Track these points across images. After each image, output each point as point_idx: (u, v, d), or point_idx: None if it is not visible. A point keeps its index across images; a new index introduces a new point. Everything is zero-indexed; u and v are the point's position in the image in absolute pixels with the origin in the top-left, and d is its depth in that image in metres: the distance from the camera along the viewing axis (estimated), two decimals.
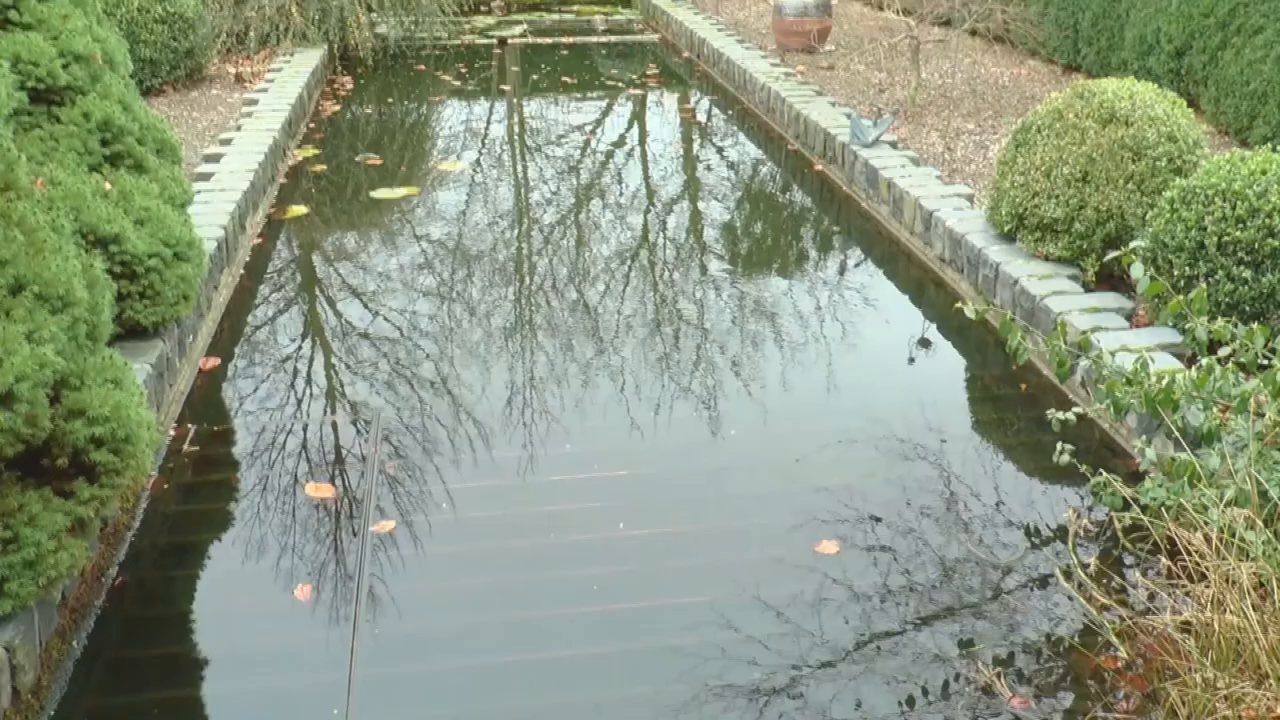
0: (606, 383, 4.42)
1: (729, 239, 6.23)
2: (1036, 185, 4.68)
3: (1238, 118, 6.40)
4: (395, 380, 4.42)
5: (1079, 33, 8.24)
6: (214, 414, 4.13)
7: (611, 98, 9.66)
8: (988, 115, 7.32)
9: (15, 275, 2.45)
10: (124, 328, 3.72)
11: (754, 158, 7.81)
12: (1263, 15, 6.27)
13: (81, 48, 3.64)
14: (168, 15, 7.91)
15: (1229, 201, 3.77)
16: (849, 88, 8.20)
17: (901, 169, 6.04)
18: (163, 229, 3.75)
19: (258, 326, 4.92)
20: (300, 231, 6.06)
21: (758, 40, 10.11)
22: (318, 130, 7.97)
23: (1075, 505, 3.51)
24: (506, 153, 8.02)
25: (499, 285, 5.47)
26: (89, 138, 3.60)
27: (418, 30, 10.72)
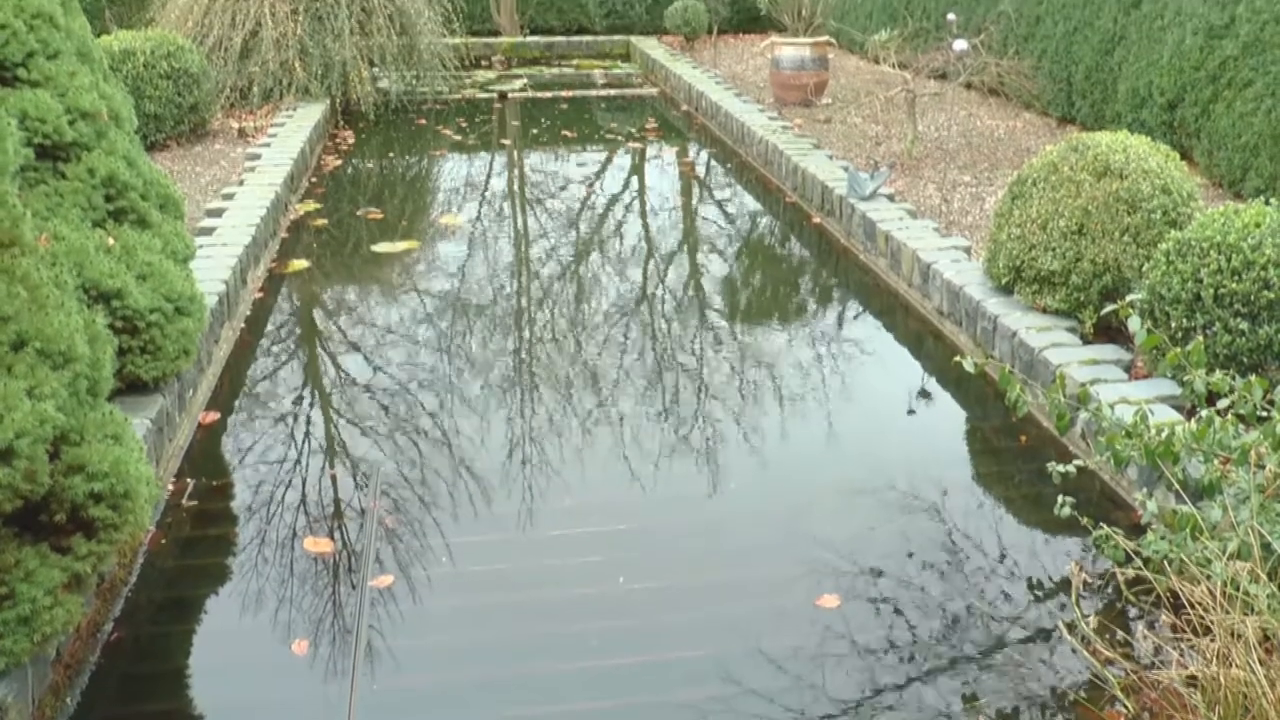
0: (606, 435, 4.41)
1: (728, 291, 6.26)
2: (1033, 238, 4.71)
3: (1230, 170, 6.46)
4: (395, 433, 4.42)
5: (1072, 86, 8.34)
6: (213, 468, 4.12)
7: (611, 151, 9.75)
8: (984, 168, 7.39)
9: (18, 331, 2.46)
10: (124, 382, 3.73)
11: (753, 210, 7.87)
12: (1252, 69, 6.36)
13: (88, 104, 3.68)
14: (173, 71, 8.02)
15: (1224, 254, 3.80)
16: (846, 141, 8.28)
17: (899, 221, 6.08)
18: (165, 284, 3.77)
19: (258, 380, 4.93)
20: (301, 285, 6.09)
21: (755, 94, 10.23)
22: (319, 184, 8.04)
23: (1077, 558, 3.50)
24: (507, 206, 8.08)
25: (499, 338, 5.48)
26: (93, 193, 3.63)
27: (419, 85, 10.84)
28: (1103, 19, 7.93)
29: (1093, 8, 8.10)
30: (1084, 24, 8.19)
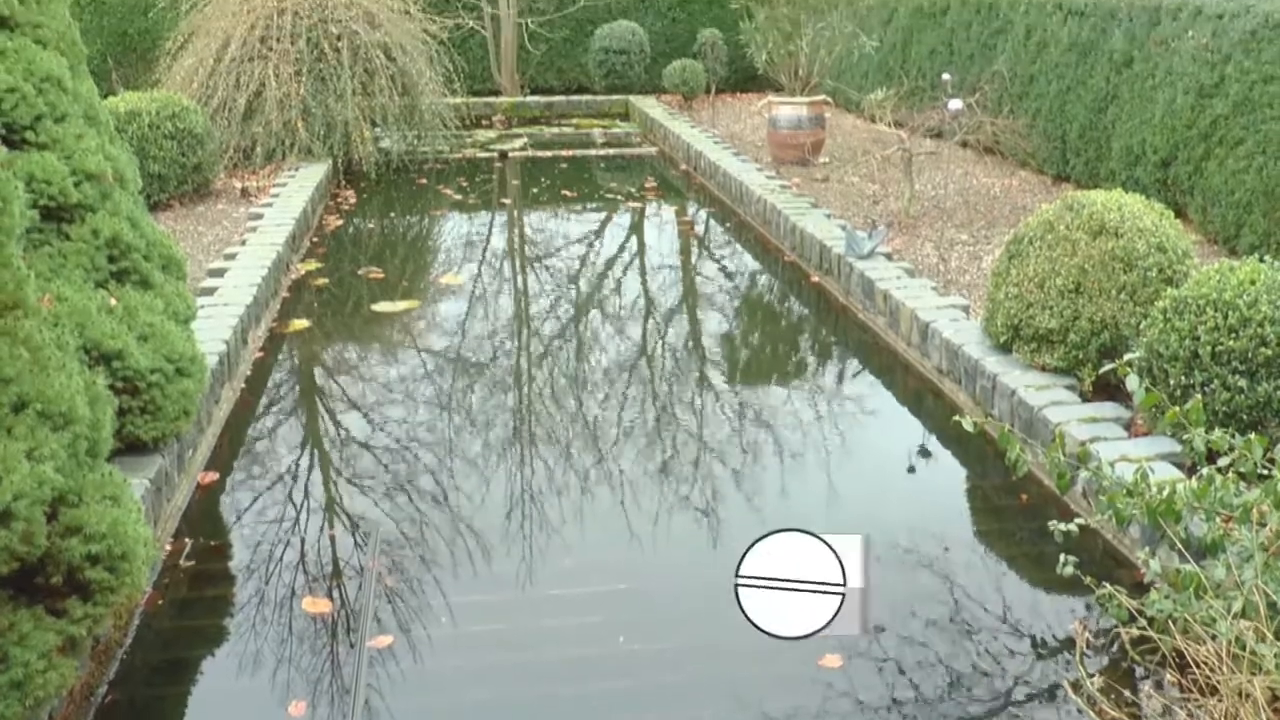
0: (606, 494, 4.40)
1: (728, 349, 6.28)
2: (1030, 296, 4.74)
3: (1225, 227, 6.52)
4: (394, 492, 4.41)
5: (1067, 144, 8.44)
6: (211, 529, 4.10)
7: (610, 210, 9.83)
8: (981, 226, 7.44)
9: (19, 393, 2.47)
10: (124, 443, 3.72)
11: (752, 269, 7.91)
12: (1243, 128, 6.44)
13: (93, 166, 3.72)
14: (177, 131, 8.11)
15: (1220, 311, 3.82)
16: (844, 199, 8.35)
17: (897, 280, 6.11)
18: (165, 344, 3.78)
19: (257, 440, 4.92)
20: (301, 345, 6.11)
21: (753, 153, 10.33)
22: (320, 244, 8.09)
23: (1081, 616, 3.47)
24: (507, 265, 8.13)
25: (498, 396, 5.49)
26: (97, 254, 3.66)
27: (420, 144, 10.95)
28: (1095, 78, 8.05)
29: (1085, 67, 8.22)
30: (1077, 83, 8.31)
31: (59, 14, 3.88)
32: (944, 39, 10.69)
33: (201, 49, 9.87)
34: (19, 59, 3.59)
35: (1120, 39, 7.81)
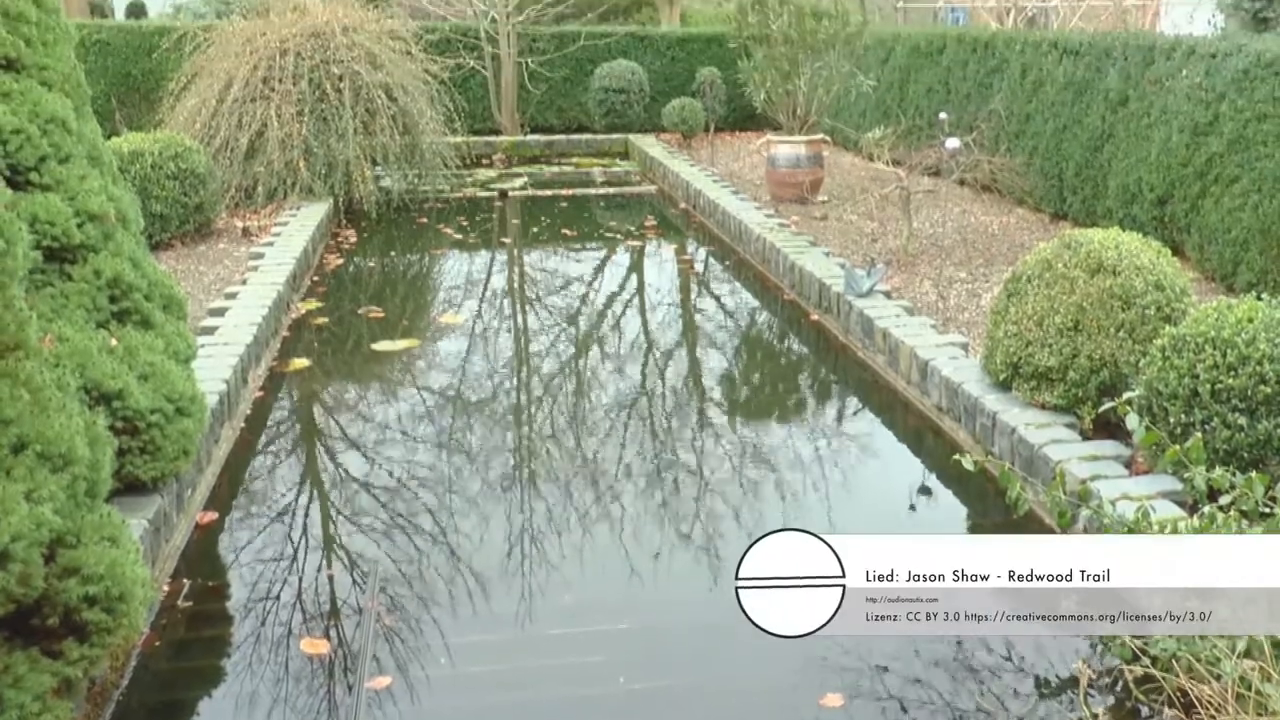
0: (606, 532, 4.39)
1: (728, 387, 6.28)
2: (1029, 334, 4.75)
3: (1222, 264, 6.54)
4: (393, 531, 4.40)
5: (1064, 182, 8.49)
6: (209, 569, 4.08)
7: (610, 249, 9.87)
8: (979, 264, 7.47)
9: (19, 434, 2.47)
10: (123, 483, 3.71)
11: (751, 307, 7.93)
12: (1238, 165, 6.48)
13: (96, 207, 3.75)
14: (179, 171, 8.15)
15: (1219, 349, 3.82)
16: (842, 237, 8.38)
17: (896, 319, 6.13)
18: (166, 384, 3.78)
19: (256, 480, 4.91)
20: (301, 384, 6.11)
21: (752, 191, 10.38)
22: (321, 283, 8.11)
23: (1084, 655, 3.45)
24: (507, 304, 8.15)
25: (498, 435, 5.49)
26: (98, 295, 3.67)
27: (421, 183, 11.00)
28: (1091, 117, 8.11)
29: (1081, 106, 8.28)
30: (1073, 122, 8.37)
31: (65, 56, 3.93)
32: (941, 78, 10.78)
33: (204, 89, 9.94)
34: (25, 100, 3.63)
35: (1115, 78, 7.88)
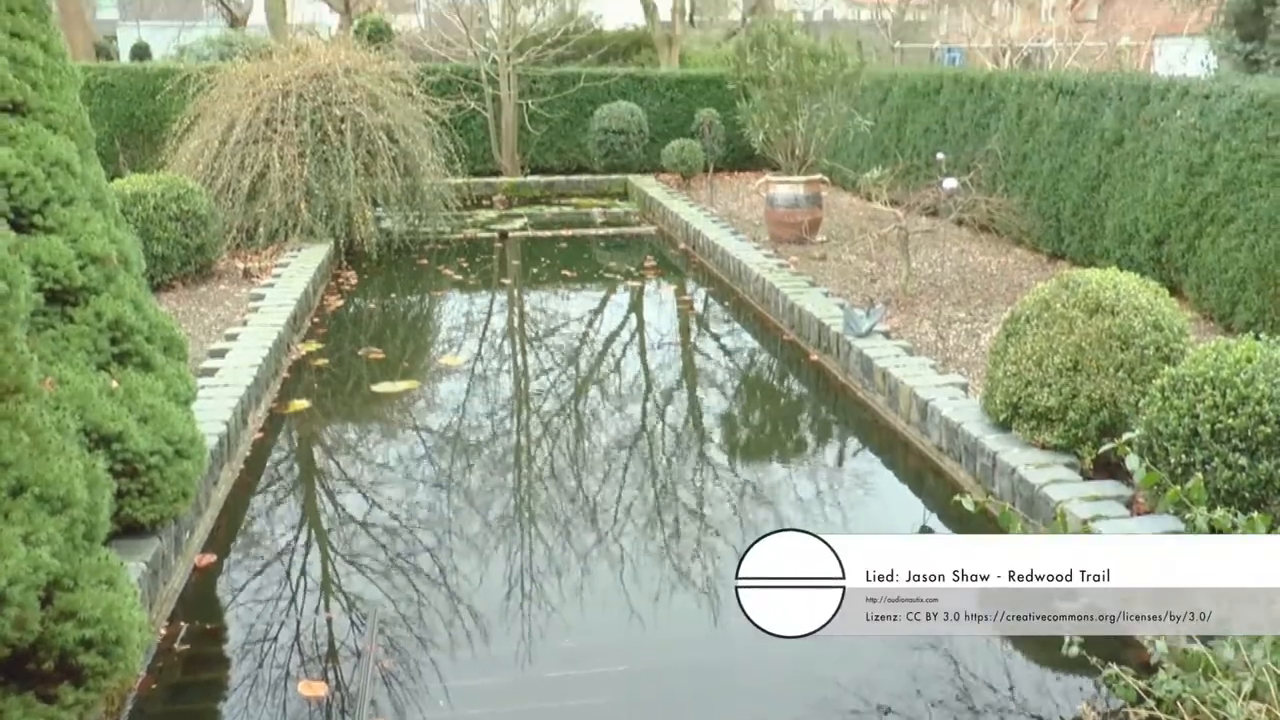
0: (606, 573, 4.37)
1: (728, 428, 6.27)
2: (1029, 374, 4.75)
3: (1220, 304, 6.56)
4: (392, 573, 4.38)
5: (1061, 222, 8.53)
6: (207, 611, 4.06)
7: (610, 289, 9.90)
8: (978, 304, 7.49)
9: (18, 477, 2.47)
10: (121, 525, 3.70)
11: (751, 348, 7.94)
12: (1233, 206, 6.52)
13: (99, 249, 3.76)
14: (182, 213, 8.19)
15: (1218, 389, 3.83)
16: (841, 278, 8.41)
17: (895, 359, 6.13)
18: (166, 426, 3.78)
19: (255, 523, 4.89)
20: (301, 425, 6.10)
21: (751, 231, 10.43)
22: (321, 325, 8.12)
23: (1089, 697, 3.42)
24: (507, 345, 8.16)
25: (498, 476, 5.47)
26: (99, 337, 3.68)
27: (421, 224, 11.05)
28: (1087, 157, 8.17)
29: (1077, 146, 8.34)
30: (1069, 162, 8.43)
31: (70, 99, 3.96)
32: (938, 118, 10.87)
33: (207, 131, 10.01)
34: (30, 143, 3.66)
35: (1110, 118, 7.95)
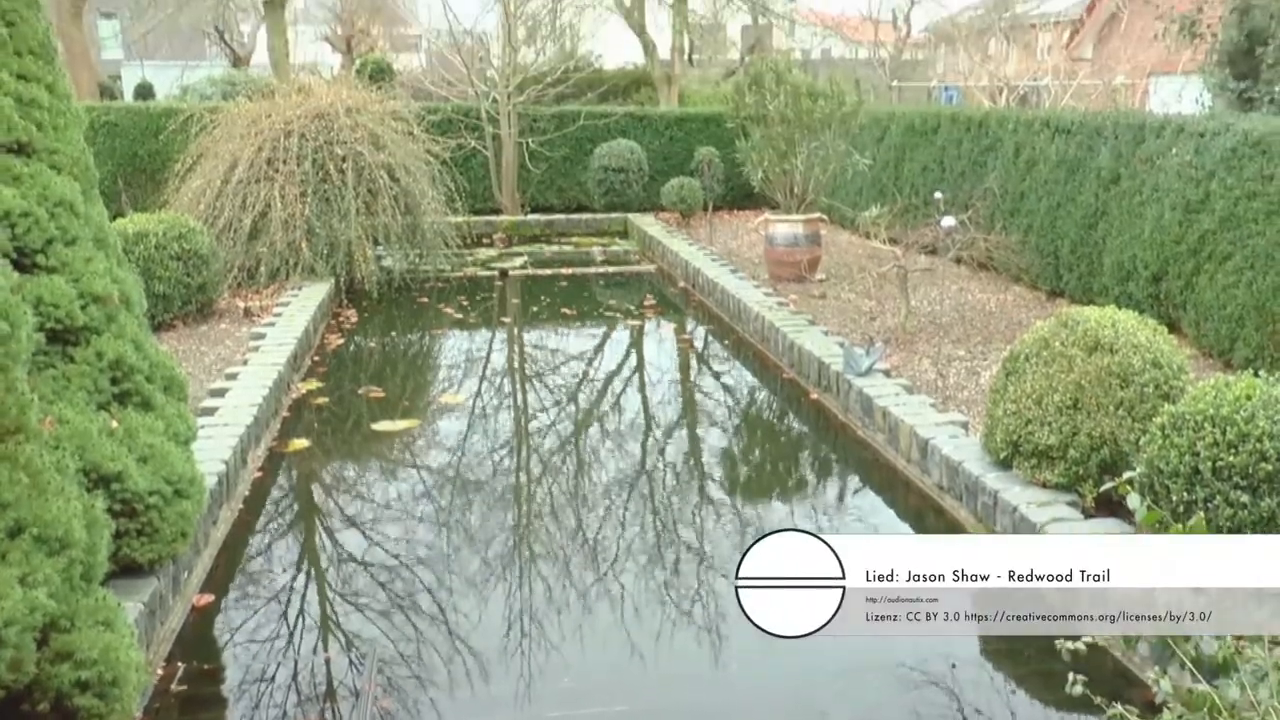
0: (606, 612, 4.35)
1: (728, 466, 6.26)
2: (1029, 413, 4.75)
3: (1219, 341, 6.57)
4: (391, 612, 4.35)
5: (1059, 260, 8.56)
6: (205, 652, 4.04)
7: (610, 328, 9.91)
8: (977, 341, 7.50)
9: (16, 518, 2.46)
10: (119, 565, 3.69)
11: (750, 386, 7.94)
12: (1230, 243, 6.54)
13: (101, 289, 3.78)
14: (183, 252, 8.22)
15: (1219, 427, 3.82)
16: (841, 316, 8.42)
17: (895, 397, 6.13)
18: (165, 466, 3.78)
19: (254, 562, 4.87)
20: (301, 464, 6.09)
21: (750, 270, 10.46)
22: (321, 363, 8.12)
23: None
24: (507, 383, 8.16)
25: (497, 514, 5.46)
26: (100, 377, 3.68)
27: (422, 263, 11.08)
28: (1084, 195, 8.21)
29: (1074, 184, 8.39)
30: (1066, 199, 8.47)
31: (75, 140, 3.99)
32: (935, 156, 10.94)
33: (209, 170, 10.07)
34: (34, 184, 3.68)
35: (1107, 156, 8.00)
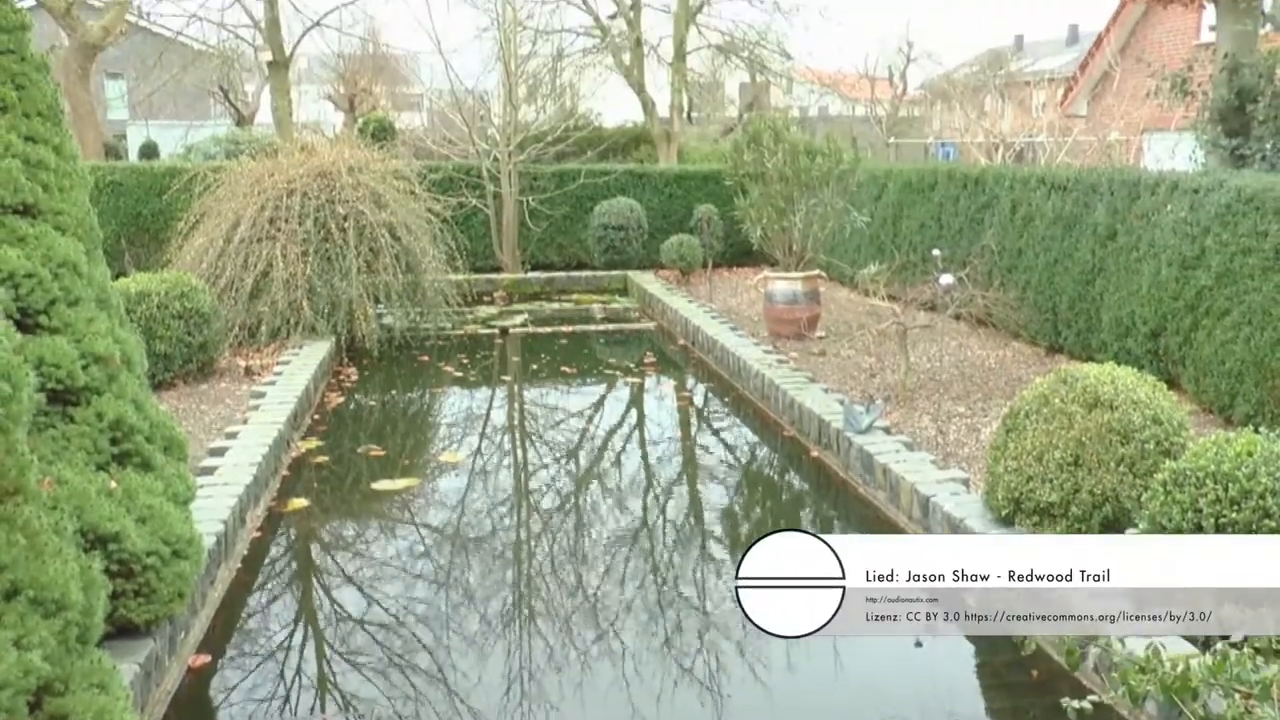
0: (607, 670, 4.31)
1: (729, 524, 6.23)
2: (1030, 469, 4.74)
3: (1219, 396, 6.57)
4: (389, 671, 4.31)
5: (1058, 315, 8.59)
6: (200, 713, 4.00)
7: (610, 385, 9.92)
8: (977, 398, 7.50)
9: (12, 580, 2.45)
10: (115, 625, 3.66)
11: (751, 443, 7.93)
12: (1227, 299, 6.57)
13: (102, 349, 3.79)
14: (185, 311, 8.23)
15: (1221, 484, 3.81)
16: (840, 373, 8.43)
17: (896, 454, 6.12)
18: (164, 526, 3.76)
19: (251, 622, 4.83)
20: (300, 524, 6.06)
21: (750, 327, 10.48)
22: (322, 422, 8.12)
23: None
24: (507, 441, 8.15)
25: (497, 572, 5.42)
26: (100, 437, 3.68)
27: (423, 321, 11.11)
28: (1081, 251, 8.26)
29: (1071, 240, 8.44)
30: (1064, 256, 8.52)
31: (79, 201, 4.03)
32: (933, 213, 11.02)
33: (212, 229, 10.13)
34: (39, 245, 3.71)
35: (1103, 212, 8.06)
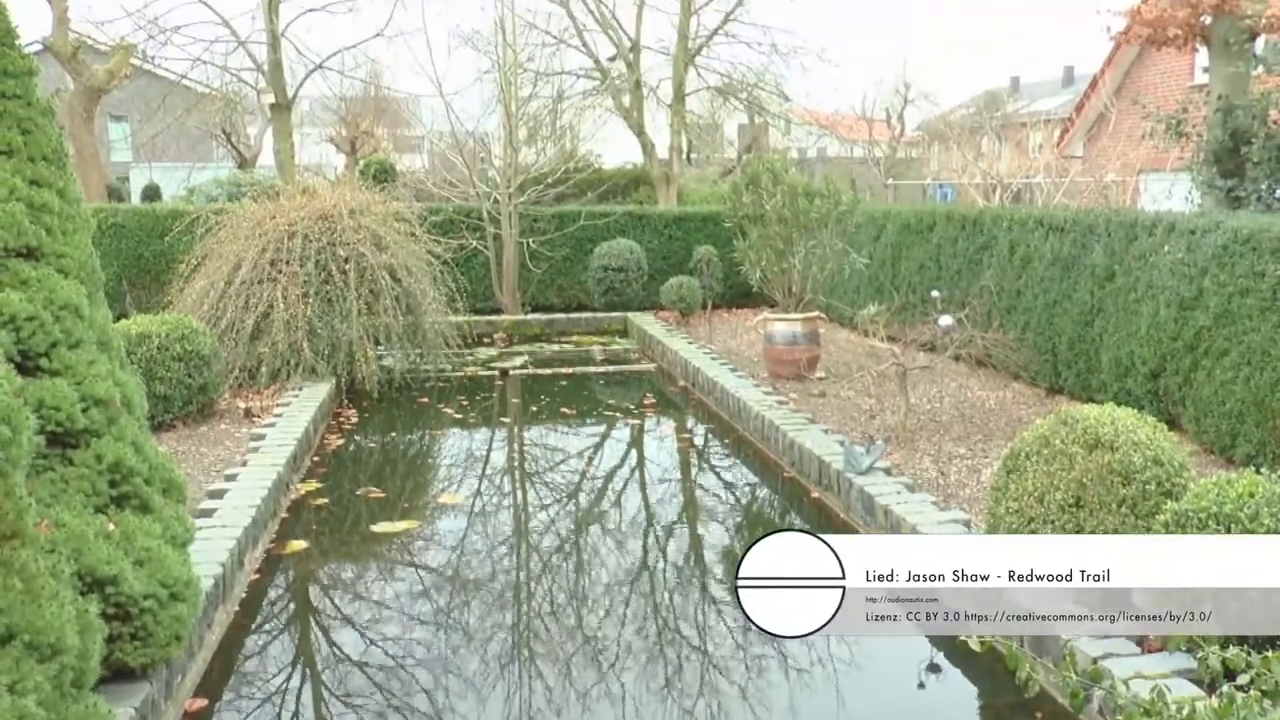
0: (607, 712, 4.27)
1: (729, 565, 6.20)
2: (1031, 511, 4.73)
3: (1219, 437, 6.56)
4: (389, 715, 4.27)
5: (1057, 356, 8.60)
6: None
7: (610, 427, 9.91)
8: (978, 439, 7.49)
9: (8, 624, 2.43)
10: (111, 669, 3.63)
11: (751, 484, 7.91)
12: (1226, 339, 6.58)
13: (102, 392, 3.79)
14: (185, 353, 8.24)
15: (1222, 525, 3.80)
16: (841, 414, 8.42)
17: (897, 495, 6.11)
18: (161, 569, 3.74)
19: (249, 667, 4.79)
20: (298, 566, 6.03)
21: (749, 368, 10.49)
22: (321, 464, 8.10)
23: None
24: (507, 483, 8.13)
25: (496, 615, 5.39)
26: (99, 480, 3.67)
27: (423, 362, 11.12)
28: (1080, 292, 8.28)
29: (1069, 281, 8.47)
30: (1063, 297, 8.54)
31: (82, 244, 4.05)
32: (932, 255, 11.06)
33: (213, 271, 10.17)
34: (41, 288, 3.72)
35: (1101, 254, 8.09)
